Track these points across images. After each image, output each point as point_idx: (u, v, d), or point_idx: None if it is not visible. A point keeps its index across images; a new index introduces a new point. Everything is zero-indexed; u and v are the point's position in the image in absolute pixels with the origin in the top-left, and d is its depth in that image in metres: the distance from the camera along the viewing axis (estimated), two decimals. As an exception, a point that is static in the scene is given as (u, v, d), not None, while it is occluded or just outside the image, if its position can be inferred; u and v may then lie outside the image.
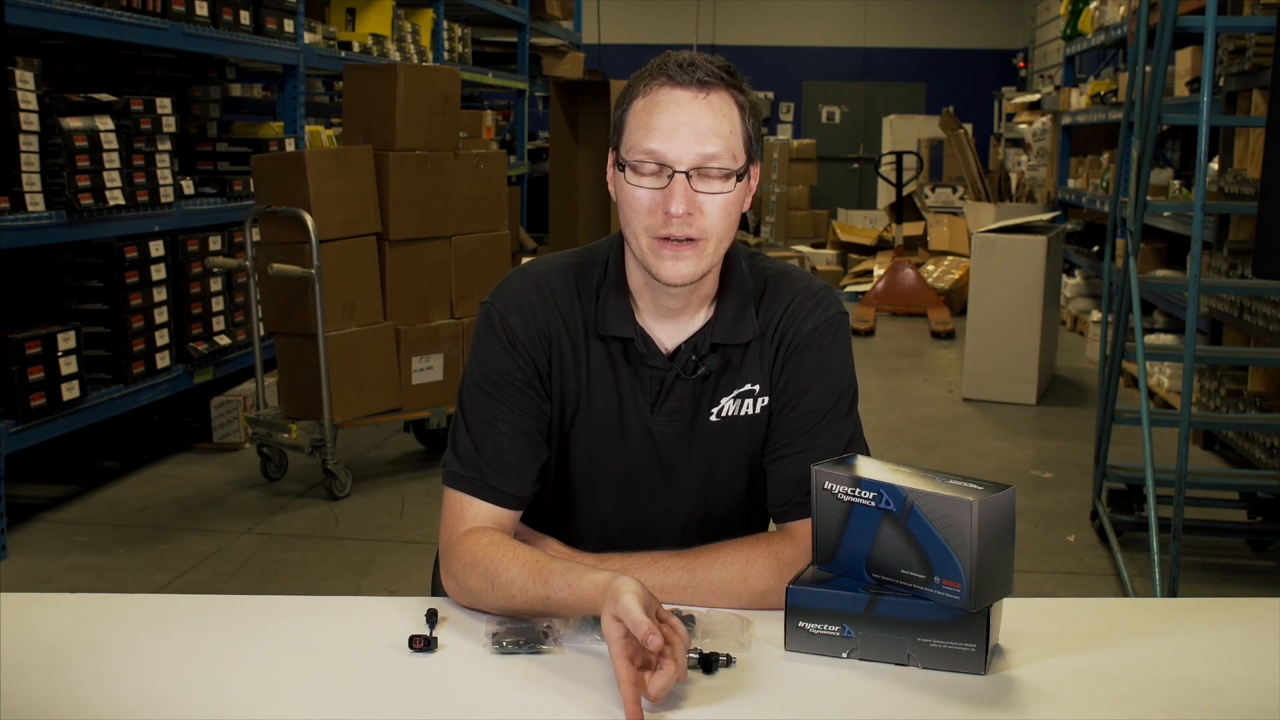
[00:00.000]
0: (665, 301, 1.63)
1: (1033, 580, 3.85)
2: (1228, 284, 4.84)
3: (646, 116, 1.54)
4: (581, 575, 1.43)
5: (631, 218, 1.56)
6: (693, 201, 1.53)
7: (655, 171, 1.54)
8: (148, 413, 5.20)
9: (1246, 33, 4.96)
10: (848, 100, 17.61)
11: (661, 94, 1.55)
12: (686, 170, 1.52)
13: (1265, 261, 2.34)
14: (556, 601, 1.45)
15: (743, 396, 1.65)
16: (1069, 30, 9.73)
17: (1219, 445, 5.30)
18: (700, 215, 1.53)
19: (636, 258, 1.59)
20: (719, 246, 1.57)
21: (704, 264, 1.56)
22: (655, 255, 1.55)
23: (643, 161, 1.54)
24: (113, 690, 1.34)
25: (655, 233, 1.54)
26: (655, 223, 1.54)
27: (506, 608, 1.51)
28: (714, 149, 1.53)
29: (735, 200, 1.56)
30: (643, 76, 1.58)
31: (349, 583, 3.77)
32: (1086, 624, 1.55)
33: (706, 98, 1.54)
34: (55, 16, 4.02)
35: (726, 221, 1.56)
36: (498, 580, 1.50)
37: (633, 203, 1.55)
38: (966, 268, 8.75)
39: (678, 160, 1.52)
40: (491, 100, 10.91)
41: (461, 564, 1.55)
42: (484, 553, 1.53)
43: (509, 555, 1.51)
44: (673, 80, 1.54)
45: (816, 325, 1.65)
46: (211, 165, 5.50)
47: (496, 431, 1.60)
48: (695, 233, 1.54)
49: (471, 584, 1.53)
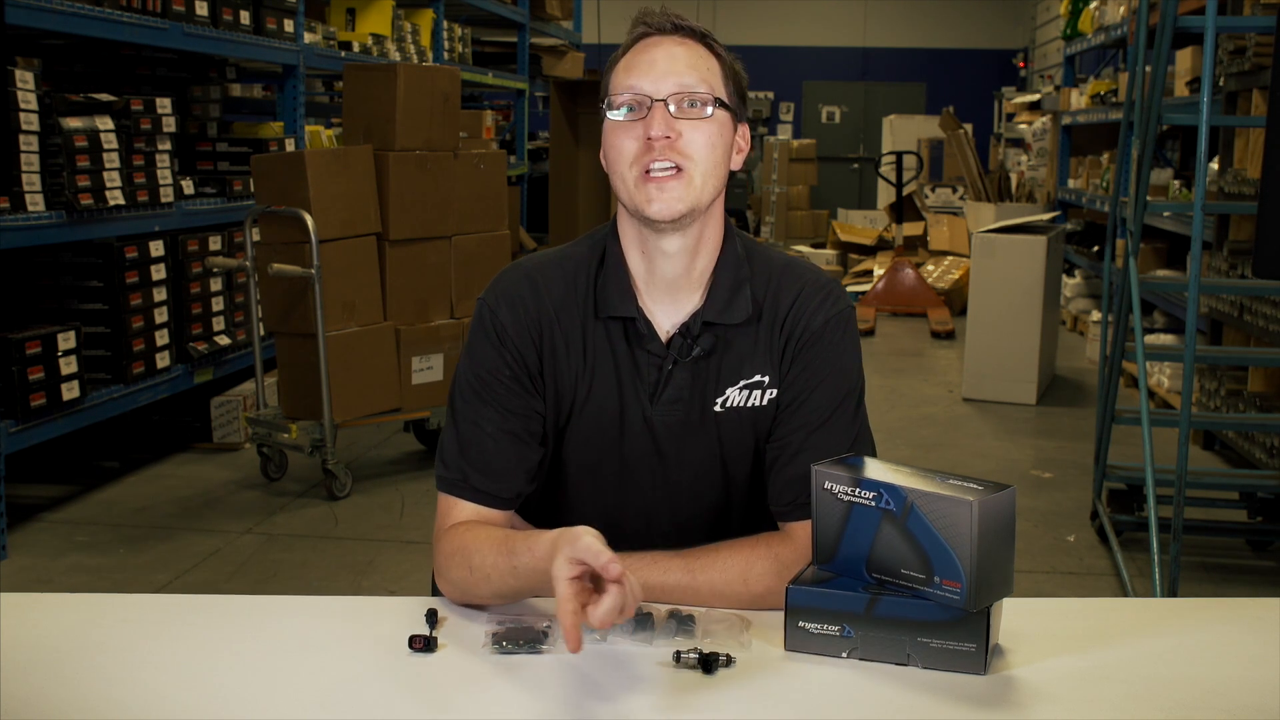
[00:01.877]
0: (664, 268, 1.61)
1: (1033, 580, 3.85)
2: (1228, 284, 4.84)
3: (626, 63, 1.59)
4: (540, 535, 1.44)
5: (616, 160, 1.57)
6: (673, 126, 1.54)
7: (635, 108, 1.56)
8: (148, 413, 5.20)
9: (1246, 33, 4.96)
10: (848, 100, 17.61)
11: (641, 43, 1.60)
12: (665, 99, 1.55)
13: (1265, 261, 2.34)
14: (524, 568, 1.45)
15: (750, 388, 1.64)
16: (1069, 30, 9.73)
17: (1219, 445, 5.30)
18: (681, 140, 1.55)
19: (626, 206, 1.60)
20: (705, 180, 1.57)
21: (691, 196, 1.56)
22: (641, 191, 1.55)
23: (622, 97, 1.56)
24: (113, 690, 1.34)
25: (640, 164, 1.55)
26: (638, 153, 1.55)
27: (489, 590, 1.52)
28: (690, 80, 1.56)
29: (719, 133, 1.58)
30: (624, 42, 1.63)
31: (349, 583, 3.77)
32: (1086, 624, 1.55)
33: (684, 41, 1.59)
34: (55, 16, 4.02)
35: (711, 154, 1.57)
36: (474, 564, 1.52)
37: (614, 142, 1.57)
38: (966, 268, 8.75)
39: (655, 90, 1.55)
40: (491, 100, 10.91)
41: (444, 557, 1.57)
42: (459, 541, 1.55)
43: (480, 538, 1.54)
44: (650, 28, 1.60)
45: (827, 319, 1.64)
46: (211, 165, 5.50)
47: (482, 433, 1.61)
48: (678, 158, 1.55)
49: (455, 575, 1.55)
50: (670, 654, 1.40)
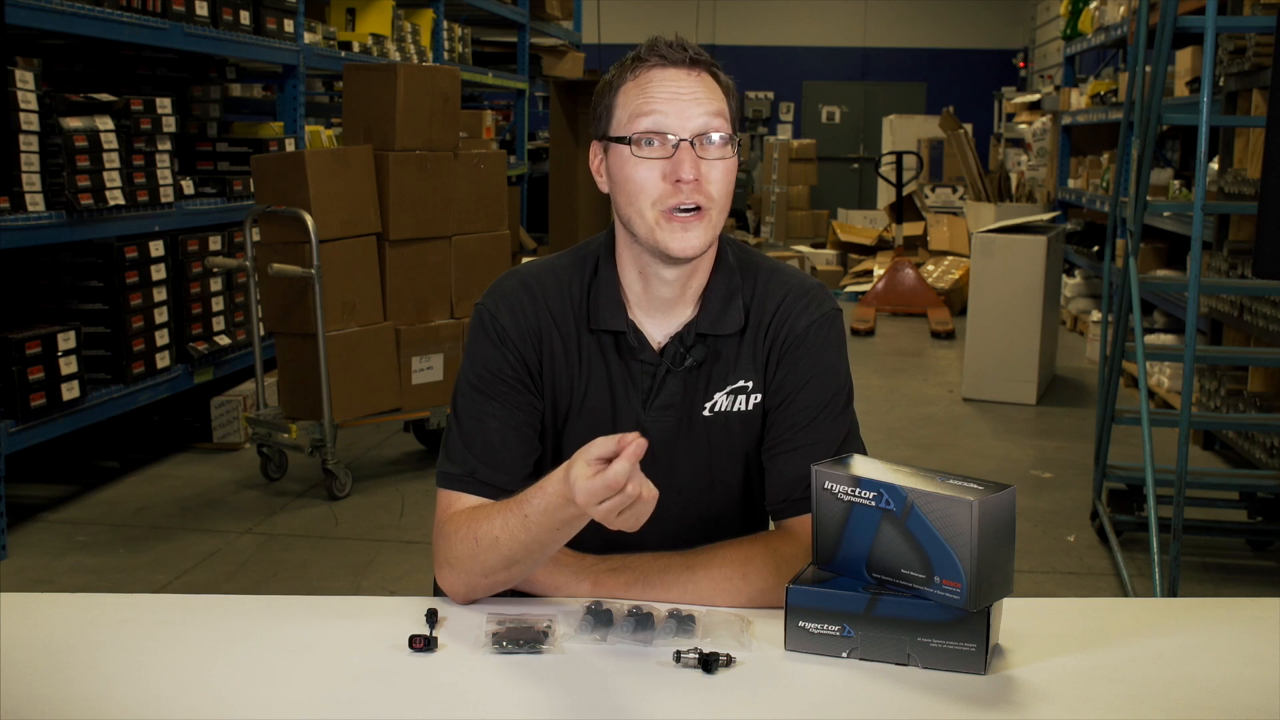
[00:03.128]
0: (660, 289, 1.63)
1: (1033, 580, 3.85)
2: (1228, 284, 4.84)
3: (641, 93, 1.57)
4: (545, 479, 1.45)
5: (637, 195, 1.57)
6: (698, 169, 1.55)
7: (659, 143, 1.55)
8: (148, 413, 5.20)
9: (1246, 33, 4.96)
10: (848, 100, 17.61)
11: (654, 73, 1.58)
12: (690, 138, 1.55)
13: (1265, 261, 2.34)
14: (535, 511, 1.45)
15: (735, 393, 1.66)
16: (1069, 30, 9.73)
17: (1219, 445, 5.30)
18: (706, 182, 1.56)
19: (640, 239, 1.59)
20: (720, 217, 1.59)
21: (709, 234, 1.58)
22: (665, 230, 1.56)
23: (645, 134, 1.56)
24: (113, 690, 1.34)
25: (665, 205, 1.55)
26: (664, 194, 1.55)
27: (498, 556, 1.51)
28: (714, 119, 1.57)
29: (734, 169, 1.59)
30: (627, 63, 1.60)
31: (349, 583, 3.77)
32: (1086, 624, 1.55)
33: (698, 74, 1.58)
34: (55, 16, 4.02)
35: (727, 191, 1.59)
36: (480, 532, 1.52)
37: (637, 179, 1.56)
38: (966, 268, 8.75)
39: (681, 128, 1.55)
40: (491, 100, 10.91)
41: (447, 541, 1.56)
42: (461, 521, 1.56)
43: (484, 509, 1.55)
44: (665, 59, 1.58)
45: (810, 322, 1.66)
46: (211, 165, 5.50)
47: (487, 427, 1.61)
48: (703, 200, 1.56)
49: (460, 550, 1.54)
50: (670, 654, 1.40)
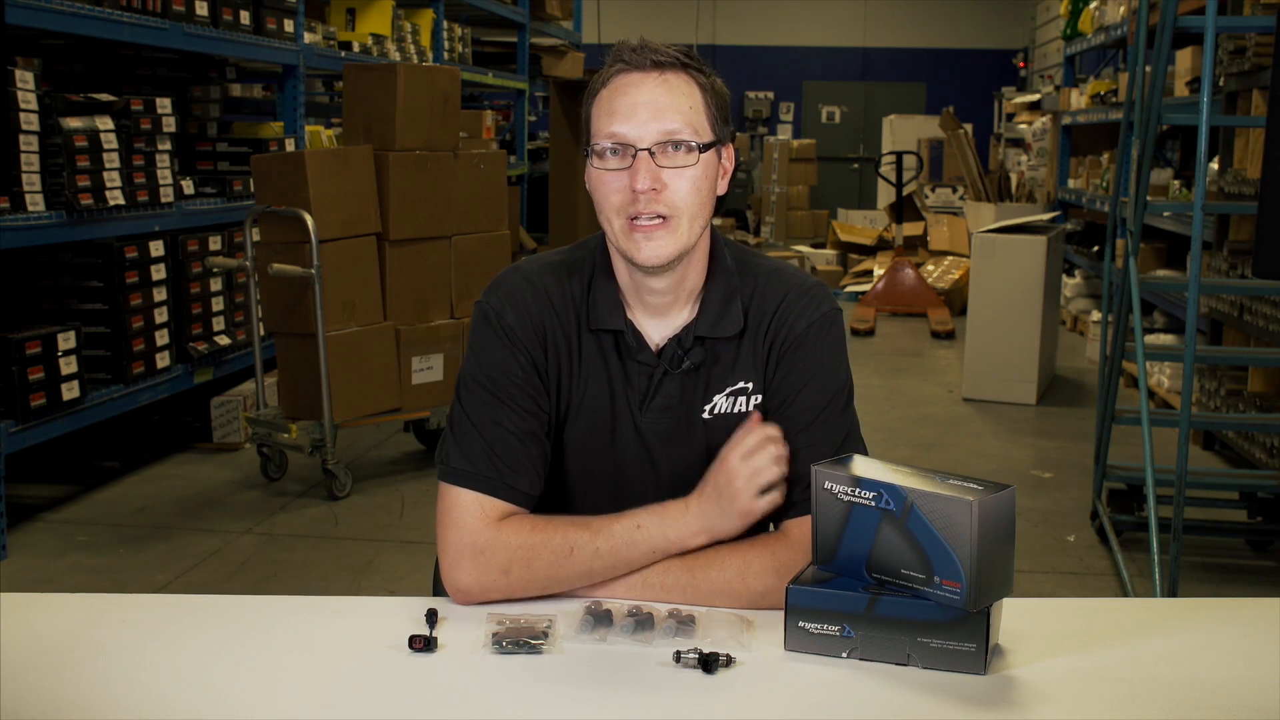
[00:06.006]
0: (650, 297, 1.63)
1: (1033, 580, 3.85)
2: (1228, 284, 4.84)
3: (608, 103, 1.57)
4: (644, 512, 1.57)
5: (603, 204, 1.58)
6: (657, 178, 1.54)
7: (619, 153, 1.56)
8: (148, 413, 5.20)
9: (1246, 33, 4.96)
10: (848, 100, 17.62)
11: (619, 80, 1.58)
12: (649, 148, 1.54)
13: (1265, 261, 2.34)
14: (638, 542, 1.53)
15: (735, 394, 1.65)
16: (1069, 30, 9.73)
17: (1219, 445, 5.30)
18: (666, 191, 1.55)
19: (615, 247, 1.60)
20: (691, 224, 1.58)
21: (678, 242, 1.57)
22: (629, 239, 1.56)
23: (606, 146, 1.56)
24: (113, 690, 1.34)
25: (625, 214, 1.56)
26: (624, 203, 1.55)
27: (578, 571, 1.53)
28: (674, 125, 1.55)
29: (703, 175, 1.57)
30: (601, 72, 1.61)
31: (349, 583, 3.77)
32: (1086, 624, 1.55)
33: (663, 77, 1.57)
34: (55, 16, 4.02)
35: (696, 198, 1.57)
36: (578, 545, 1.53)
37: (602, 189, 1.57)
38: (966, 268, 8.75)
39: (639, 139, 1.55)
40: (491, 100, 10.91)
41: (509, 552, 1.54)
42: (541, 532, 1.55)
43: (552, 521, 1.57)
44: (628, 65, 1.58)
45: (810, 323, 1.65)
46: (211, 165, 5.50)
47: (506, 432, 1.60)
48: (664, 209, 1.55)
49: (538, 568, 1.54)
50: (670, 654, 1.40)
